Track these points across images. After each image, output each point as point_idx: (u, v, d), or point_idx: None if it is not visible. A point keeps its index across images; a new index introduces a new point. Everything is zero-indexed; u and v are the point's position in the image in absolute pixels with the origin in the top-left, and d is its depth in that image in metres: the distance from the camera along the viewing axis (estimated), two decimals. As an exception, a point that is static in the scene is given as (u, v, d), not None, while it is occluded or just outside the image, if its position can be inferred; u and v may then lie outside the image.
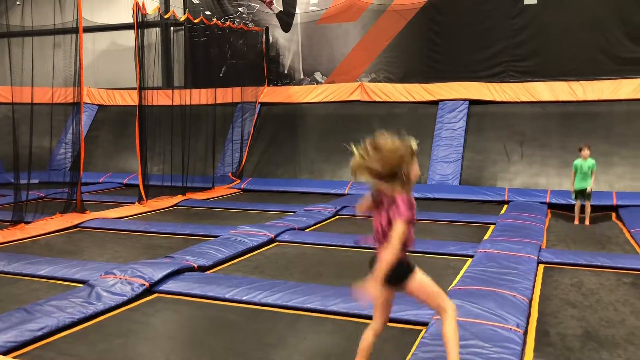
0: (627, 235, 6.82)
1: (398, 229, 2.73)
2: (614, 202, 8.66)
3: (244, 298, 4.39)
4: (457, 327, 2.87)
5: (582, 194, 7.72)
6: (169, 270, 4.88)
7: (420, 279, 2.89)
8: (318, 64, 12.71)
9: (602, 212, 8.42)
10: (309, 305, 4.18)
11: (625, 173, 9.58)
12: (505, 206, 8.90)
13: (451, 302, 2.92)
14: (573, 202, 8.66)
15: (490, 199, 9.51)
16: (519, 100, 10.87)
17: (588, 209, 7.78)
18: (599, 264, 5.36)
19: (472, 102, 11.12)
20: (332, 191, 10.45)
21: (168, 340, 3.90)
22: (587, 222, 7.76)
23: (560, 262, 5.41)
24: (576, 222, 7.85)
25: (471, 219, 7.87)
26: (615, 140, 9.76)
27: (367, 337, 3.02)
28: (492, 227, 7.17)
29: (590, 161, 7.63)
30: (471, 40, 11.36)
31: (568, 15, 10.70)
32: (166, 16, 10.80)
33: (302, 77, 12.84)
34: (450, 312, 2.86)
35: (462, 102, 11.20)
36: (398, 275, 2.85)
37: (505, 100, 10.96)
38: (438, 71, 11.65)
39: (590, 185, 7.64)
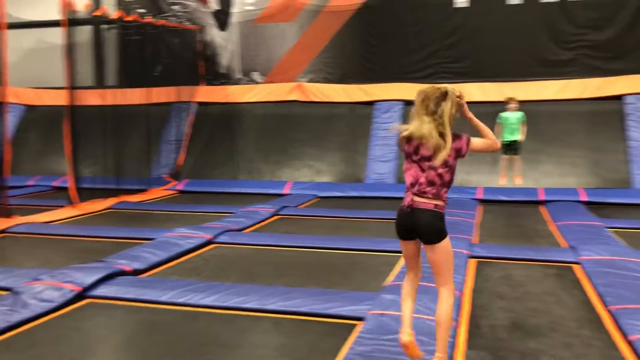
0: (553, 228, 7.15)
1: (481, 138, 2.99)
2: (541, 197, 9.07)
3: (179, 300, 4.33)
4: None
5: (511, 147, 7.79)
6: (101, 275, 4.74)
7: (449, 245, 2.90)
8: (256, 63, 12.65)
9: (530, 206, 8.78)
10: (246, 305, 4.16)
11: (551, 170, 10.05)
12: (440, 203, 9.14)
13: (454, 284, 3.00)
14: (504, 198, 9.00)
15: (426, 196, 9.73)
16: (451, 101, 11.18)
17: (518, 164, 7.82)
18: (527, 257, 5.60)
19: (407, 103, 11.37)
20: (271, 191, 10.42)
21: (101, 345, 3.79)
22: (518, 180, 7.76)
23: (490, 256, 5.61)
24: (502, 180, 7.82)
25: (407, 216, 8.02)
26: (542, 139, 10.21)
27: (411, 289, 3.07)
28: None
29: (518, 113, 7.76)
30: (405, 42, 11.61)
31: (498, 18, 11.10)
32: (97, 13, 10.47)
33: (239, 76, 12.75)
34: (452, 292, 2.92)
35: (397, 102, 11.43)
36: (443, 230, 2.85)
37: (438, 100, 11.24)
38: (374, 72, 11.83)
39: (520, 137, 7.70)
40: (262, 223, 7.70)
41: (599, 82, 10.52)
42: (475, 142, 2.98)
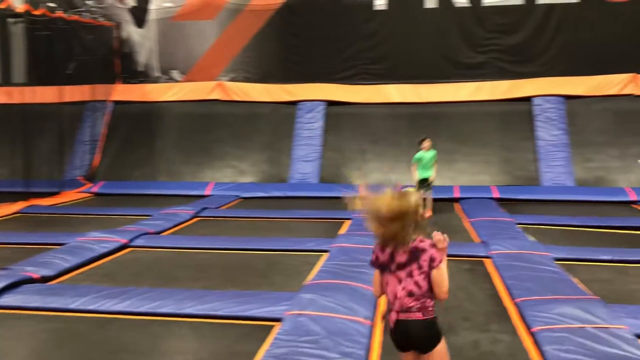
0: (467, 225, 7.43)
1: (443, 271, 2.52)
2: (456, 195, 9.42)
3: (90, 307, 4.15)
4: None
5: (424, 184, 8.18)
6: (4, 284, 4.47)
7: (444, 346, 2.63)
8: (175, 61, 12.36)
9: (445, 203, 9.09)
10: (161, 310, 4.05)
11: (465, 168, 10.45)
12: (361, 202, 9.28)
13: None
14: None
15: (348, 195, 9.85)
16: (371, 102, 11.41)
17: (429, 200, 8.20)
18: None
19: (330, 103, 11.48)
20: (192, 193, 10.21)
21: (6, 357, 3.57)
22: (428, 213, 8.20)
23: (407, 253, 5.74)
24: None
25: (329, 215, 8.11)
26: (456, 139, 10.61)
27: None
28: (348, 222, 7.44)
29: (432, 152, 8.14)
30: (327, 43, 11.71)
31: (414, 22, 11.42)
32: (1, 6, 9.86)
33: (158, 74, 12.40)
34: None
35: (320, 102, 11.51)
36: (437, 336, 2.60)
37: (359, 101, 11.45)
38: (296, 72, 11.86)
39: (432, 175, 8.11)
40: (182, 225, 7.53)
41: (509, 84, 11.06)
42: (442, 267, 2.59)
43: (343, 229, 6.98)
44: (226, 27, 12.12)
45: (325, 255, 5.56)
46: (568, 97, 10.89)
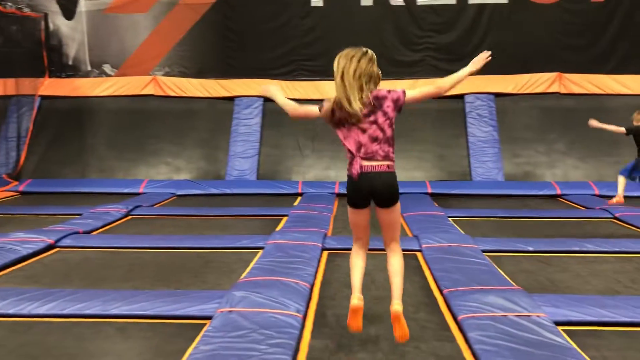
0: (401, 219, 7.56)
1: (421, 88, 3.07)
2: (393, 190, 9.58)
3: (10, 311, 3.95)
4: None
5: None
6: None
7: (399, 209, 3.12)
8: (107, 55, 11.97)
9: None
10: (87, 312, 3.92)
11: (401, 164, 10.50)
12: (299, 198, 9.32)
13: None
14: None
15: (286, 191, 9.88)
16: (309, 98, 11.42)
17: None
18: (375, 247, 5.83)
19: (267, 99, 11.39)
20: (125, 190, 9.94)
21: None
22: None
23: (341, 248, 5.79)
24: None
25: (266, 212, 8.09)
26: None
27: (362, 258, 3.36)
28: (285, 218, 7.44)
29: None
30: (264, 38, 11.65)
31: (350, 19, 11.52)
32: None
33: (89, 68, 11.99)
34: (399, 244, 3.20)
35: (257, 98, 11.45)
36: (397, 191, 3.03)
37: (297, 97, 11.44)
38: (233, 67, 11.74)
39: None
40: (113, 224, 7.32)
41: (442, 82, 11.33)
42: (411, 93, 3.14)
43: (280, 226, 6.97)
44: (160, 20, 11.85)
45: (260, 252, 5.54)
46: (498, 95, 11.29)
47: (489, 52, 3.23)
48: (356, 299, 3.20)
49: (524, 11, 11.35)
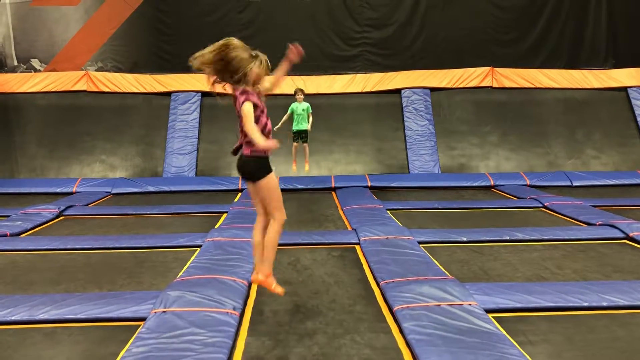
0: (341, 213, 7.64)
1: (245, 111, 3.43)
2: (333, 184, 9.65)
3: None
4: (280, 235, 3.62)
5: (300, 135, 8.64)
6: None
7: (274, 182, 3.53)
8: (35, 49, 11.47)
9: (323, 193, 9.29)
10: (11, 318, 3.75)
11: (341, 158, 10.76)
12: (239, 194, 9.24)
13: (284, 215, 3.61)
14: (300, 186, 9.46)
15: (226, 188, 9.78)
16: (248, 93, 11.33)
17: (307, 151, 8.81)
18: (315, 241, 5.89)
19: (205, 94, 11.25)
20: (58, 190, 9.58)
21: None
22: (306, 167, 8.76)
23: (282, 243, 5.77)
24: (294, 166, 8.82)
25: (205, 209, 7.97)
26: (332, 130, 10.87)
27: (258, 233, 3.68)
28: (224, 215, 7.36)
29: (305, 104, 8.75)
30: (201, 33, 11.44)
31: (288, 13, 11.49)
32: None
33: (15, 63, 11.45)
34: (278, 221, 3.57)
35: (195, 93, 11.26)
36: (259, 171, 3.47)
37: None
38: (169, 62, 11.48)
39: (307, 127, 8.70)
40: (44, 226, 7.04)
41: (379, 77, 11.50)
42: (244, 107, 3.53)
43: (219, 223, 6.88)
44: (93, 13, 11.45)
45: (197, 250, 5.46)
46: (433, 89, 11.54)
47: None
48: (254, 274, 3.74)
49: (457, 6, 11.63)
